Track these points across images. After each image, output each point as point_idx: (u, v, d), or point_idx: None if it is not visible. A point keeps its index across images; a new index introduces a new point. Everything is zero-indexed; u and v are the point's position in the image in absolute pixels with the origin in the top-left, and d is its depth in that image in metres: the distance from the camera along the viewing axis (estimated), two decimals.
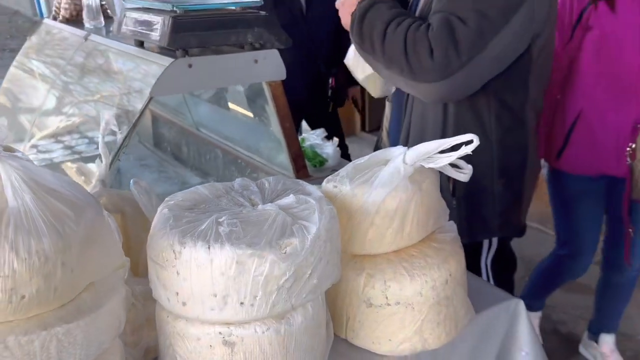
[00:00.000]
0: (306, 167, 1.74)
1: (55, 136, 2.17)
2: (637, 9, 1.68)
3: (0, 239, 0.73)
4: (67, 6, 2.30)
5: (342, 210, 1.06)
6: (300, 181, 1.07)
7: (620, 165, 1.81)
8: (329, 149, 1.86)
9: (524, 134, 1.44)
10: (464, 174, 1.05)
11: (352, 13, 1.38)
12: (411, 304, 1.06)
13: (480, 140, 1.37)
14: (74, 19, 2.26)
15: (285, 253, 0.87)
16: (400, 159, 1.03)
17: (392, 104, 1.68)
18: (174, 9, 1.45)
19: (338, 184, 1.08)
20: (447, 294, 1.09)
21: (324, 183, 1.12)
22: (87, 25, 2.09)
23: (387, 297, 1.07)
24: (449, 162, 0.99)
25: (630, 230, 1.88)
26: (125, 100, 1.62)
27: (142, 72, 1.60)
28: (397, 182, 1.03)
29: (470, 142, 0.94)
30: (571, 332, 2.52)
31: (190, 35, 1.42)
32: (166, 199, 1.00)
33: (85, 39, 2.00)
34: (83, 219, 0.81)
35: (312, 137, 1.92)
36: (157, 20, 1.46)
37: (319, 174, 1.73)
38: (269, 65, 1.52)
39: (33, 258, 0.74)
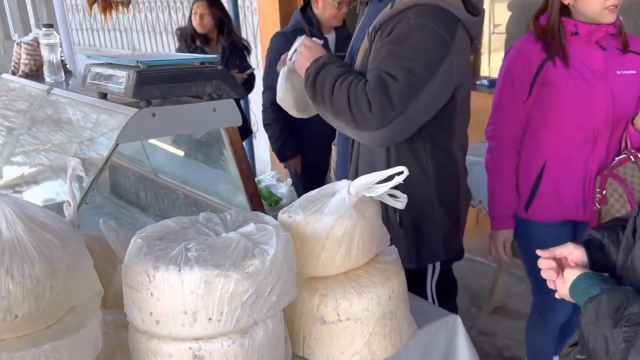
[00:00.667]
0: (263, 205, 1.87)
1: (13, 187, 2.23)
2: (586, 63, 1.79)
3: None
4: (27, 61, 2.39)
5: (297, 237, 1.20)
6: (259, 213, 1.21)
7: (586, 211, 1.90)
8: (284, 188, 2.01)
9: (455, 167, 1.64)
10: (400, 202, 1.22)
11: (307, 69, 1.57)
12: (360, 318, 1.20)
13: (420, 176, 1.59)
14: (34, 74, 2.35)
15: (247, 272, 1.00)
16: (345, 190, 1.19)
17: (338, 148, 1.85)
18: (138, 64, 1.59)
19: (292, 214, 1.22)
20: (391, 308, 1.23)
21: (279, 214, 1.26)
22: (47, 79, 2.18)
23: (338, 314, 1.20)
24: (384, 190, 1.16)
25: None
26: (92, 149, 1.72)
27: (107, 121, 1.72)
28: (343, 210, 1.18)
29: (401, 172, 1.11)
30: (514, 356, 2.69)
31: (153, 88, 1.55)
32: (137, 232, 1.12)
33: (48, 92, 2.10)
34: (68, 247, 0.92)
35: (267, 179, 2.07)
36: (122, 74, 1.59)
37: (274, 212, 1.86)
38: (226, 113, 1.67)
39: (26, 281, 0.84)
